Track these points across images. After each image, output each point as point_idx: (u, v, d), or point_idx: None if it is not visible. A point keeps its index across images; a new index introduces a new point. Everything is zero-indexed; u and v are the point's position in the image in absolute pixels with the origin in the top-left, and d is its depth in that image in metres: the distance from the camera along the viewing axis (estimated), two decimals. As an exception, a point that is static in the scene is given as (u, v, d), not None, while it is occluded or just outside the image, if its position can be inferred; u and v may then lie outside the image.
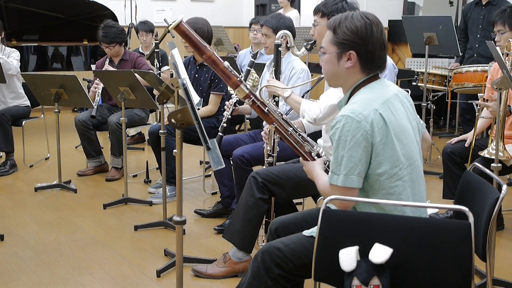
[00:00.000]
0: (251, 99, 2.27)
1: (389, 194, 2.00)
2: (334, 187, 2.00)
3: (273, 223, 2.45)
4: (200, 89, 4.32)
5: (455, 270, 1.73)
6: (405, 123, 2.05)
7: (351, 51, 2.02)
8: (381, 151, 1.96)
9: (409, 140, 2.03)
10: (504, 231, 3.79)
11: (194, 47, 2.22)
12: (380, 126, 1.96)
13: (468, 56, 5.89)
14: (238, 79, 2.25)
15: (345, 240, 1.80)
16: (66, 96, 4.61)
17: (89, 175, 5.10)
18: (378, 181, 1.99)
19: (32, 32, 7.45)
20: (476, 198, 2.10)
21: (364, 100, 2.01)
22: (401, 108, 2.07)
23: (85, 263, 3.30)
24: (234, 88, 2.25)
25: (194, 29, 4.26)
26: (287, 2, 7.26)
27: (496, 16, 4.06)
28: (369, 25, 2.01)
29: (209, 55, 2.23)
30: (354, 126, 1.94)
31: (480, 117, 3.73)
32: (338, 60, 2.06)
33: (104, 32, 5.03)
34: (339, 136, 1.96)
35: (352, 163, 1.95)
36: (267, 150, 3.16)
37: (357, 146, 1.94)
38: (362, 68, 2.05)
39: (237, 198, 3.58)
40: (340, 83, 2.13)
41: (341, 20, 2.04)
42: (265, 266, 2.14)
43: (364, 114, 1.95)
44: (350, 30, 2.01)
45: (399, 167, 1.99)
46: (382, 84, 2.11)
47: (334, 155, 2.00)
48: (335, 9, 2.92)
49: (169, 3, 9.58)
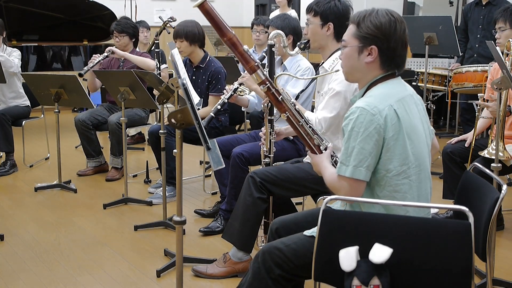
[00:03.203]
0: (267, 85, 2.25)
1: (395, 192, 2.00)
2: (342, 178, 2.00)
3: (274, 223, 2.44)
4: (198, 91, 4.32)
5: (455, 270, 1.73)
6: (418, 123, 2.05)
7: (373, 46, 2.02)
8: (391, 147, 1.97)
9: (419, 141, 2.04)
10: (504, 231, 3.79)
11: (216, 28, 2.20)
12: (394, 122, 1.96)
13: (468, 56, 5.89)
14: (256, 64, 2.24)
15: (345, 240, 1.80)
16: (66, 96, 4.61)
17: (89, 175, 5.10)
18: (385, 177, 1.99)
19: (32, 32, 7.46)
20: (476, 198, 2.11)
21: (380, 94, 2.02)
22: (414, 108, 2.08)
23: (85, 263, 3.30)
24: (251, 72, 2.24)
25: (185, 32, 4.28)
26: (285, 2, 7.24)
27: (498, 13, 4.10)
28: (393, 22, 2.02)
29: (230, 36, 2.22)
30: (368, 118, 1.94)
31: (480, 117, 3.73)
32: (359, 54, 2.06)
33: (118, 21, 5.18)
34: (352, 127, 1.97)
35: (362, 155, 1.95)
36: (264, 151, 3.16)
37: (368, 139, 1.94)
38: (382, 64, 2.05)
39: (229, 196, 3.58)
40: (357, 77, 2.13)
41: (366, 14, 2.04)
42: (266, 266, 2.14)
43: (379, 108, 1.96)
44: (374, 25, 2.01)
45: (408, 166, 1.99)
46: (400, 83, 2.12)
47: (344, 146, 1.99)
48: (327, 7, 2.91)
49: (169, 3, 9.59)
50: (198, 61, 4.38)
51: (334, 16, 2.92)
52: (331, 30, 2.94)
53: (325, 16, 2.92)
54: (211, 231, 3.69)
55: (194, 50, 4.35)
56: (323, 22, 2.93)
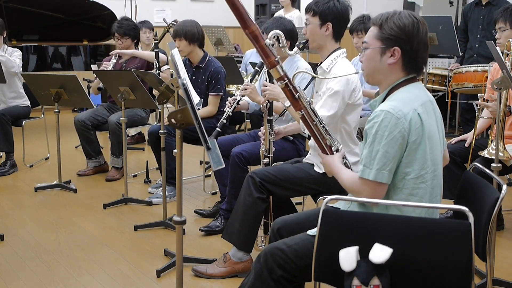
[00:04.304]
0: (285, 82, 2.21)
1: (411, 195, 2.01)
2: (364, 181, 2.00)
3: (275, 223, 2.44)
4: (198, 91, 4.32)
5: (455, 270, 1.73)
6: (435, 129, 2.06)
7: (396, 47, 2.02)
8: (413, 151, 1.97)
9: (436, 147, 2.04)
10: (504, 231, 3.79)
11: (240, 19, 2.16)
12: (417, 126, 1.96)
13: (468, 56, 5.89)
14: (276, 59, 2.19)
15: (345, 240, 1.80)
16: (66, 96, 4.61)
17: (89, 175, 5.10)
18: (404, 180, 2.00)
19: (32, 32, 7.46)
20: (476, 198, 2.11)
21: (404, 98, 2.01)
22: (433, 115, 2.08)
23: (85, 263, 3.30)
24: (270, 67, 2.20)
25: (184, 31, 4.28)
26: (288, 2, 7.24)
27: (498, 13, 4.10)
28: (416, 24, 2.01)
29: (253, 29, 2.16)
30: (393, 122, 1.94)
31: (480, 117, 3.73)
32: (381, 56, 2.05)
33: (120, 23, 5.16)
34: (376, 131, 1.96)
35: (386, 159, 1.95)
36: (263, 151, 3.16)
37: (393, 143, 1.94)
38: (404, 66, 2.05)
39: (229, 196, 3.58)
40: (379, 79, 2.12)
41: (389, 16, 2.03)
42: (268, 267, 2.13)
43: (404, 111, 1.95)
44: (398, 26, 2.00)
45: (426, 170, 2.00)
46: (421, 87, 2.11)
47: (368, 149, 1.99)
48: (326, 7, 2.91)
49: (169, 3, 9.59)
50: (197, 61, 4.39)
51: (332, 16, 2.92)
52: (329, 30, 2.93)
53: (324, 16, 2.92)
54: (211, 230, 3.69)
55: (193, 49, 4.35)
56: (321, 22, 2.93)
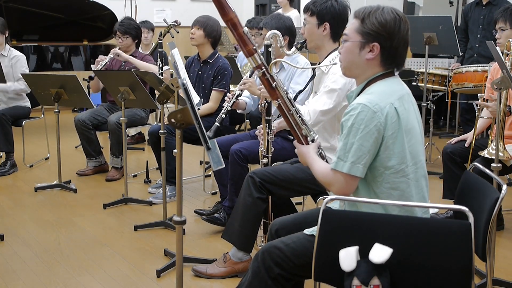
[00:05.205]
0: (262, 70, 2.21)
1: (393, 189, 2.00)
2: (337, 173, 2.00)
3: (274, 224, 2.44)
4: (202, 86, 4.34)
5: (455, 270, 1.73)
6: (414, 122, 2.05)
7: (375, 43, 2.01)
8: (390, 145, 1.97)
9: (416, 140, 2.04)
10: (504, 231, 3.79)
11: (219, 7, 2.13)
12: (394, 120, 1.96)
13: (468, 56, 5.89)
14: (254, 48, 2.19)
15: (345, 240, 1.80)
16: (66, 96, 4.61)
17: (89, 175, 5.10)
18: (383, 175, 1.99)
19: (32, 32, 7.46)
20: (476, 198, 2.10)
21: (381, 92, 2.01)
22: (411, 108, 2.07)
23: (85, 263, 3.30)
24: (248, 55, 2.20)
25: (205, 23, 4.28)
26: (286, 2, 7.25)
27: (498, 13, 4.11)
28: (398, 21, 2.01)
29: (231, 17, 2.14)
30: (369, 115, 1.94)
31: (480, 117, 3.73)
32: (360, 50, 2.04)
33: (121, 22, 5.17)
34: (352, 123, 1.96)
35: (361, 152, 1.95)
36: (262, 151, 3.16)
37: (368, 136, 1.94)
38: (382, 62, 2.05)
39: (230, 193, 3.58)
40: (356, 73, 2.11)
41: (372, 11, 2.02)
42: (266, 266, 2.13)
43: (381, 105, 1.95)
44: (379, 22, 2.00)
45: (406, 164, 1.99)
46: (398, 81, 2.11)
47: (343, 142, 1.99)
48: (324, 7, 2.91)
49: (169, 3, 9.59)
50: (206, 56, 4.39)
51: (330, 16, 2.91)
52: (327, 30, 2.94)
53: (322, 16, 2.92)
54: (212, 219, 3.69)
55: (205, 43, 4.36)
56: (319, 22, 2.93)
